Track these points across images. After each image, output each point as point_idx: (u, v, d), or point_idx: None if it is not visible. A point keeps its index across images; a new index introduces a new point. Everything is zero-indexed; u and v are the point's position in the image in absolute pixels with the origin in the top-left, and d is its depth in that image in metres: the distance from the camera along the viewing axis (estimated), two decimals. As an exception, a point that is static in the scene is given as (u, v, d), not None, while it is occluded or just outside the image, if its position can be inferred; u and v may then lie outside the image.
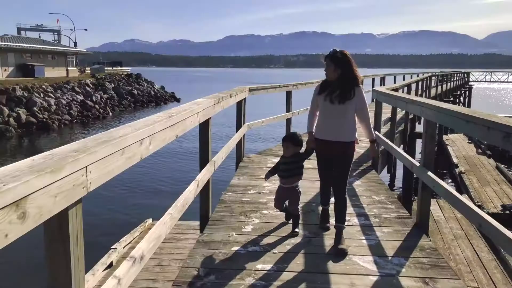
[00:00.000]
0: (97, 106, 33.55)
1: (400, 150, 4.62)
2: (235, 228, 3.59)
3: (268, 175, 3.75)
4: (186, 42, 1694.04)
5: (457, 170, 13.93)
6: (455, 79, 33.71)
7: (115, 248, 5.47)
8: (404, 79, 21.60)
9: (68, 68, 46.20)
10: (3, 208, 0.95)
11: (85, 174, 1.34)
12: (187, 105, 3.05)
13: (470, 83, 43.87)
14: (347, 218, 3.54)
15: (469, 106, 38.80)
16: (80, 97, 33.48)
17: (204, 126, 3.56)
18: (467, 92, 39.89)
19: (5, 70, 36.49)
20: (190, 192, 2.86)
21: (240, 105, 5.86)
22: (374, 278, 2.75)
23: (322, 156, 3.62)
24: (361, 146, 7.48)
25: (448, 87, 27.94)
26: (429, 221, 7.95)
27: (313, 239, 3.47)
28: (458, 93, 37.61)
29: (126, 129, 1.80)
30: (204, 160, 3.63)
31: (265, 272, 2.82)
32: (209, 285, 2.65)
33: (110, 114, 34.18)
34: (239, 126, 5.89)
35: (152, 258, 4.12)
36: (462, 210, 2.90)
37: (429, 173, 3.43)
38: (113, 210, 10.44)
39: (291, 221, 3.75)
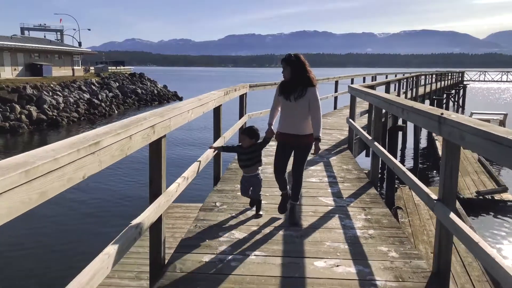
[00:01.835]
0: (103, 104, 34.72)
1: (361, 130, 6.05)
2: (239, 183, 5.02)
3: (220, 149, 4.29)
4: (187, 42, 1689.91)
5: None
6: (448, 78, 34.96)
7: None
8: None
9: (74, 67, 47.56)
10: (149, 127, 2.39)
11: (169, 121, 2.79)
12: (206, 94, 4.49)
13: (464, 82, 45.05)
14: (320, 177, 4.94)
15: (463, 104, 40.08)
16: (87, 96, 34.63)
17: (217, 110, 5.02)
18: (461, 92, 41.12)
19: (15, 69, 37.83)
20: (210, 152, 4.32)
21: (242, 98, 7.27)
22: (331, 207, 4.23)
23: (282, 146, 4.00)
24: (342, 133, 8.93)
25: (439, 86, 29.20)
26: (410, 205, 9.30)
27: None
28: (453, 92, 38.94)
29: (179, 104, 3.24)
30: (217, 135, 5.09)
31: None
32: (223, 209, 4.15)
33: (116, 112, 35.31)
34: (241, 115, 7.32)
35: (166, 231, 5.38)
36: (397, 171, 4.27)
37: (376, 143, 4.89)
38: (132, 187, 12.07)
39: (254, 208, 4.18)
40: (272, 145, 4.75)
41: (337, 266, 2.94)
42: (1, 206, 1.12)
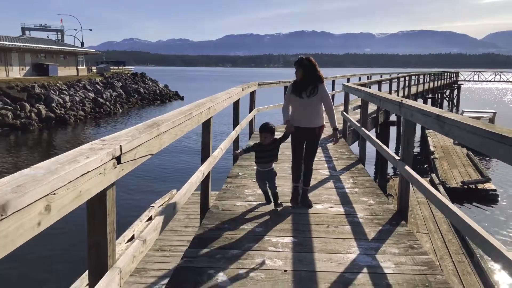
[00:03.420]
0: (107, 103, 35.66)
1: (354, 121, 7.33)
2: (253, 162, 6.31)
3: (242, 152, 4.47)
4: (185, 41, 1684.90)
5: (432, 156, 16.74)
6: (443, 78, 36.25)
7: (153, 206, 7.62)
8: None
9: (78, 67, 48.58)
10: (207, 108, 3.66)
11: (217, 106, 4.05)
12: (229, 90, 5.75)
13: (459, 82, 46.27)
14: (318, 157, 6.16)
15: (458, 103, 41.38)
16: (92, 95, 35.52)
17: (236, 103, 6.30)
18: (455, 91, 42.39)
19: (22, 69, 38.83)
20: (232, 136, 5.61)
21: (252, 95, 8.55)
22: (327, 176, 5.55)
23: (297, 139, 4.45)
24: (339, 125, 10.22)
25: (433, 86, 30.49)
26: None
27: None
28: (448, 92, 40.29)
29: (217, 95, 4.50)
30: (235, 123, 6.36)
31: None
32: (244, 176, 5.47)
33: (120, 110, 36.21)
34: (251, 109, 8.59)
35: (180, 213, 6.33)
36: (385, 155, 5.52)
37: (363, 128, 6.17)
38: (147, 180, 13.35)
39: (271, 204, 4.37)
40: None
41: (331, 207, 4.24)
42: (173, 132, 2.43)
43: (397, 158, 4.06)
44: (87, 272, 4.27)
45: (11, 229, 1.05)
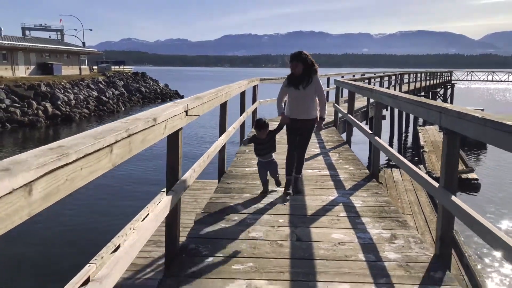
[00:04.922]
0: (110, 101, 36.57)
1: (341, 108, 8.53)
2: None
3: (245, 142, 4.82)
4: (183, 41, 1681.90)
5: (421, 150, 18.03)
6: (437, 77, 37.47)
7: (164, 191, 7.68)
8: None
9: (81, 66, 49.60)
10: (226, 92, 4.85)
11: (231, 92, 5.24)
12: (238, 82, 6.93)
13: (452, 82, 47.46)
14: (311, 140, 7.37)
15: (451, 101, 42.56)
16: (95, 93, 36.36)
17: (243, 94, 7.49)
18: (448, 91, 43.60)
19: (28, 68, 39.85)
20: (240, 120, 6.80)
21: (254, 89, 9.73)
22: (317, 152, 6.77)
23: (291, 130, 4.67)
24: (331, 118, 11.42)
25: (425, 85, 31.70)
26: (390, 182, 11.60)
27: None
28: (442, 92, 41.53)
29: (230, 85, 5.69)
30: (242, 111, 7.55)
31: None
32: (251, 152, 6.58)
33: (123, 109, 37.03)
34: (253, 101, 9.76)
35: (188, 197, 7.19)
36: (362, 131, 6.72)
37: (349, 115, 7.39)
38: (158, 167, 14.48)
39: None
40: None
41: (319, 171, 5.46)
42: (209, 103, 3.62)
43: (370, 132, 5.28)
44: (112, 241, 5.44)
45: (156, 132, 2.24)
